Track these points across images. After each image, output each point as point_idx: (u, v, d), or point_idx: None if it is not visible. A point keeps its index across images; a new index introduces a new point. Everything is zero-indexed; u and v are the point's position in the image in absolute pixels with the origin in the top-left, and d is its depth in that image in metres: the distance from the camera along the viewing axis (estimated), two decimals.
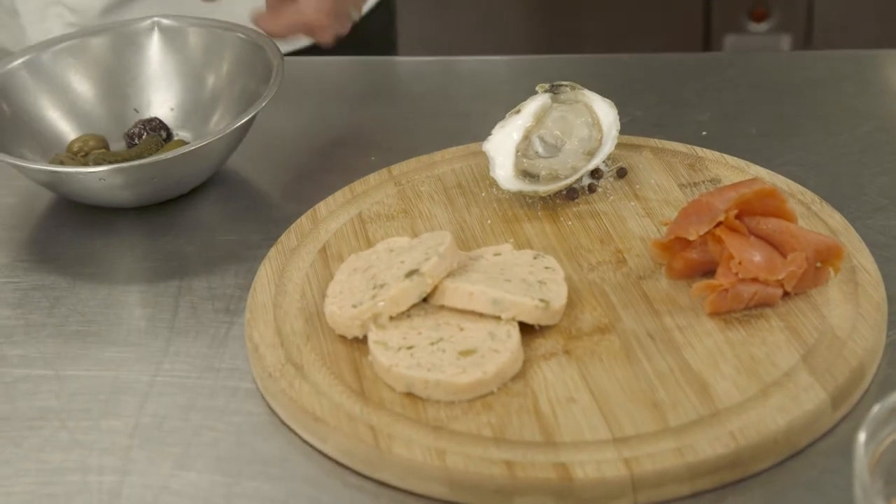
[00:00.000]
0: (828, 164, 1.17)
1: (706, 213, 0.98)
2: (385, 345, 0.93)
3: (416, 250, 0.98)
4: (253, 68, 1.21)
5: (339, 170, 1.20)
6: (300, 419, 0.91)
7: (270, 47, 1.20)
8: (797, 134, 1.22)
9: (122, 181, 1.11)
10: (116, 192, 1.13)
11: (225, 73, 1.25)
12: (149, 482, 0.89)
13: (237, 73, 1.24)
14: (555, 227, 1.07)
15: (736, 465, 0.85)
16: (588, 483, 0.84)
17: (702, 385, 0.90)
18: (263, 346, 0.97)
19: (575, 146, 1.11)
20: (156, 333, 1.03)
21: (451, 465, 0.85)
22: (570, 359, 0.93)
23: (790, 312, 0.95)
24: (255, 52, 1.21)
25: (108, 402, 0.96)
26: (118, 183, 1.11)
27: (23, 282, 1.10)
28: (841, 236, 1.02)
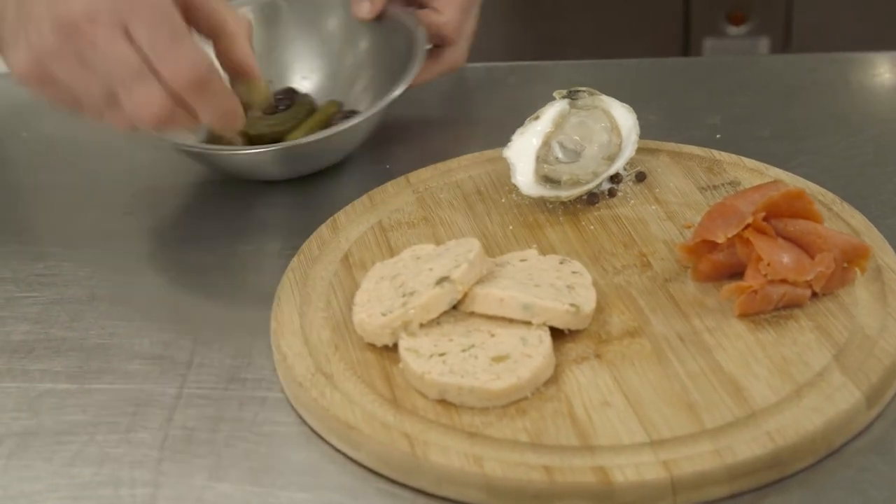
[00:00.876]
0: (842, 165, 1.17)
1: (733, 216, 0.98)
2: (417, 352, 0.92)
3: (443, 257, 0.98)
4: (394, 45, 1.21)
5: (354, 179, 1.20)
6: (333, 428, 0.91)
7: (409, 20, 1.21)
8: (810, 136, 1.22)
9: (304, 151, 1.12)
10: (269, 167, 1.14)
11: (363, 48, 1.25)
12: (182, 494, 0.89)
13: (377, 47, 1.24)
14: (577, 231, 1.07)
15: (774, 465, 0.85)
16: (628, 486, 0.84)
17: (735, 386, 0.90)
18: (292, 356, 0.96)
19: (595, 151, 1.11)
20: (180, 346, 1.02)
21: (490, 472, 0.85)
22: (601, 363, 0.93)
23: (819, 313, 0.96)
24: (396, 28, 1.21)
25: (136, 415, 0.95)
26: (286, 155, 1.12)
27: (41, 296, 1.09)
28: (864, 236, 1.02)
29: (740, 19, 2.59)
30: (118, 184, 1.23)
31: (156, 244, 1.15)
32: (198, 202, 1.20)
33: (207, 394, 0.97)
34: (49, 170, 1.27)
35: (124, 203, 1.20)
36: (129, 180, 1.24)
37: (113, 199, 1.21)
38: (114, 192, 1.22)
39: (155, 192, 1.21)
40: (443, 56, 1.23)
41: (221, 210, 1.19)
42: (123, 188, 1.23)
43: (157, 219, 1.18)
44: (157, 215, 1.18)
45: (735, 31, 2.60)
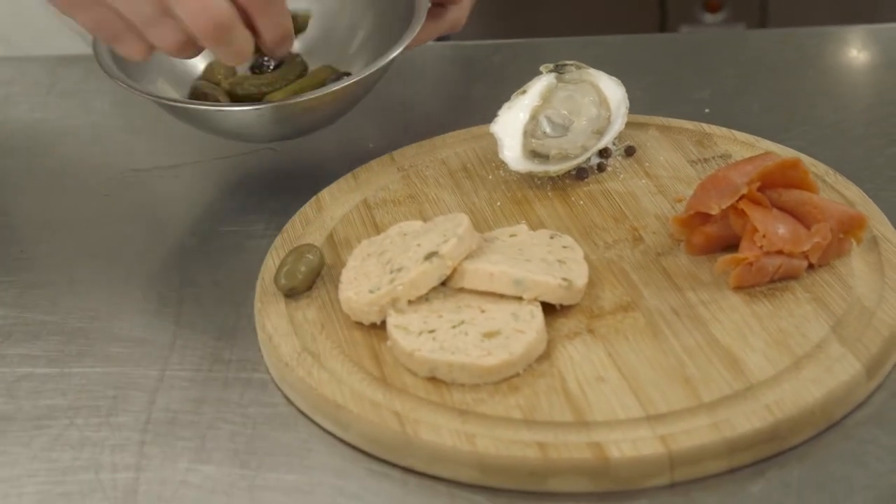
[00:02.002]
0: (833, 138, 1.15)
1: (726, 187, 0.96)
2: (406, 329, 0.90)
3: (432, 233, 0.95)
4: (393, 2, 1.14)
5: (337, 157, 1.17)
6: (321, 408, 0.88)
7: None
8: (800, 110, 1.20)
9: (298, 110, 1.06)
10: (255, 128, 1.08)
11: (360, 4, 1.19)
12: (165, 478, 0.86)
13: (375, 4, 1.18)
14: (566, 207, 1.05)
15: (773, 438, 0.83)
16: (625, 462, 0.81)
17: (732, 359, 0.88)
18: (277, 336, 0.94)
19: (583, 125, 1.09)
20: (162, 328, 0.99)
21: (482, 449, 0.83)
22: (594, 338, 0.91)
23: (815, 284, 0.94)
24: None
25: (117, 399, 0.93)
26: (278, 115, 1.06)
27: (19, 280, 1.06)
28: (859, 207, 1.01)
29: (716, 7, 2.58)
30: (96, 168, 1.21)
31: (135, 227, 1.12)
32: (178, 185, 1.18)
33: (191, 376, 0.95)
34: (26, 154, 1.24)
35: (102, 187, 1.18)
36: (107, 164, 1.21)
37: (90, 183, 1.19)
38: (91, 175, 1.20)
39: (133, 175, 1.19)
40: (445, 15, 1.15)
41: (203, 192, 1.17)
42: (101, 172, 1.20)
43: (136, 202, 1.15)
44: (136, 198, 1.16)
45: (711, 19, 2.59)
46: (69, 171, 1.21)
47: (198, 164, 1.20)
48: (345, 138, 1.21)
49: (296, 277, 0.97)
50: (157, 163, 1.20)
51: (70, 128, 1.27)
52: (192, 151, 1.20)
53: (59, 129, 1.27)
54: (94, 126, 1.27)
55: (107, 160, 1.22)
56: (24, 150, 1.25)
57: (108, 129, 1.26)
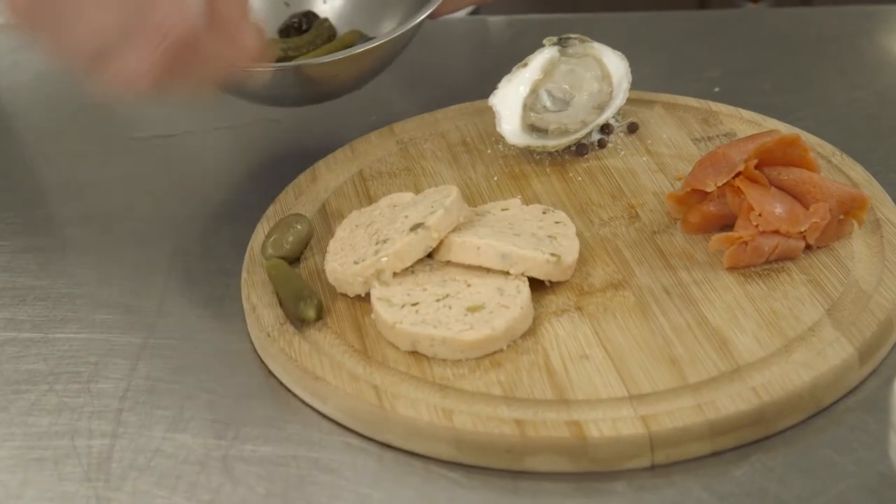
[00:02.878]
0: (845, 117, 1.13)
1: (724, 164, 0.94)
2: (389, 301, 0.88)
3: (420, 205, 0.94)
4: None
5: (339, 129, 1.16)
6: (300, 379, 0.87)
7: None
8: (812, 89, 1.17)
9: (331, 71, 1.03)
10: (278, 89, 1.04)
11: None
12: (140, 446, 0.85)
13: None
14: (564, 183, 1.03)
15: (759, 422, 0.81)
16: (603, 442, 0.80)
17: (721, 340, 0.85)
18: (261, 306, 0.92)
19: (584, 100, 1.07)
20: (148, 295, 0.98)
21: (459, 425, 0.81)
22: (582, 315, 0.89)
23: (813, 266, 0.91)
24: None
25: (99, 365, 0.92)
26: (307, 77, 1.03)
27: (11, 244, 1.05)
28: (864, 188, 0.98)
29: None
30: (96, 135, 1.20)
31: (131, 194, 1.11)
32: (176, 154, 1.16)
33: (174, 344, 0.93)
34: (27, 119, 1.23)
35: (102, 153, 1.17)
36: (107, 131, 1.20)
37: (90, 150, 1.18)
38: (91, 142, 1.19)
39: (133, 143, 1.17)
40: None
41: (200, 161, 1.15)
42: (101, 139, 1.19)
43: (133, 170, 1.14)
44: (134, 166, 1.15)
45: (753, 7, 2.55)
46: (69, 137, 1.20)
47: (197, 133, 1.18)
48: (348, 110, 1.19)
49: (282, 247, 0.95)
50: (157, 131, 1.19)
51: (73, 94, 1.26)
52: (193, 121, 1.19)
53: (62, 96, 1.26)
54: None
55: (107, 127, 1.21)
56: (25, 116, 1.24)
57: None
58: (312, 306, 0.89)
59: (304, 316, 0.89)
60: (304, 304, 0.89)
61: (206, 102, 0.96)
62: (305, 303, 0.89)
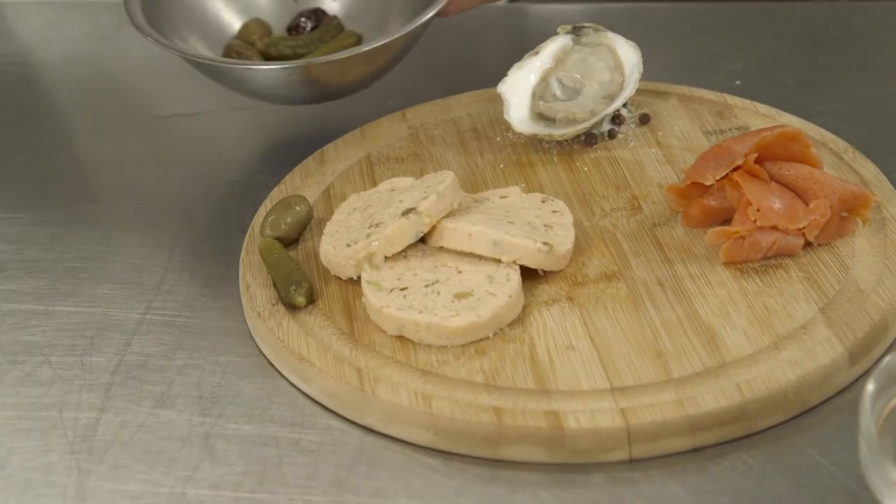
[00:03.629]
0: (865, 115, 1.11)
1: (725, 158, 0.93)
2: (378, 285, 0.88)
3: (416, 190, 0.93)
4: None
5: (357, 114, 1.15)
6: (286, 360, 0.87)
7: None
8: (835, 85, 1.16)
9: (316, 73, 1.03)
10: (284, 88, 1.04)
11: None
12: (125, 421, 0.86)
13: None
14: (570, 172, 1.02)
15: (740, 419, 0.80)
16: (581, 433, 0.79)
17: (710, 335, 0.85)
18: (255, 286, 0.93)
19: (595, 90, 1.06)
20: (151, 272, 0.99)
21: (438, 411, 0.81)
22: (573, 305, 0.88)
23: (811, 263, 0.90)
24: None
25: (95, 339, 0.93)
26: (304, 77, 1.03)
27: (22, 217, 1.06)
28: (873, 186, 0.96)
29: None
30: (117, 112, 1.21)
31: (145, 172, 1.12)
32: (193, 133, 1.17)
33: (170, 321, 0.94)
34: (52, 95, 1.25)
35: (120, 131, 1.18)
36: (129, 109, 1.21)
37: (109, 127, 1.19)
38: (112, 119, 1.20)
39: (153, 121, 1.18)
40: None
41: (216, 141, 1.16)
42: (122, 116, 1.20)
43: (150, 148, 1.15)
44: (151, 144, 1.15)
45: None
46: (90, 113, 1.21)
47: (217, 113, 1.19)
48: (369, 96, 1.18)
49: (280, 227, 0.96)
50: (179, 110, 1.20)
51: (100, 72, 1.27)
52: (214, 100, 1.19)
53: (90, 74, 1.27)
54: (124, 72, 1.27)
55: (129, 105, 1.22)
56: (53, 92, 1.25)
57: (137, 76, 1.26)
58: (302, 293, 0.89)
59: (294, 302, 0.89)
60: (294, 290, 0.89)
61: None
62: (296, 289, 0.89)
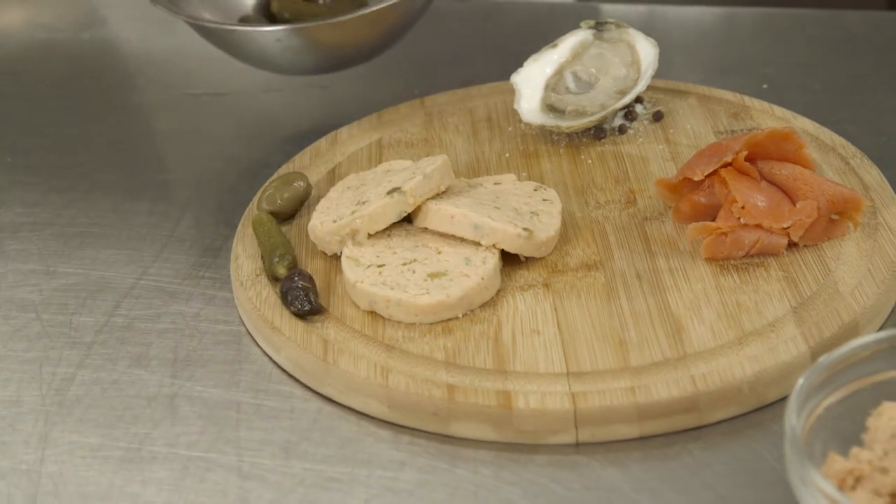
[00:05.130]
0: (887, 122, 1.09)
1: (718, 154, 0.92)
2: (357, 261, 0.89)
3: (409, 171, 0.94)
4: None
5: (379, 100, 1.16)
6: (259, 328, 0.89)
7: None
8: (862, 92, 1.14)
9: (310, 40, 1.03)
10: (286, 53, 1.05)
11: None
12: (101, 377, 0.88)
13: None
14: (573, 164, 1.02)
15: (691, 410, 0.79)
16: (528, 413, 0.79)
17: (677, 328, 0.84)
18: (243, 257, 0.95)
19: (609, 84, 1.06)
20: (154, 240, 1.02)
21: (393, 384, 0.82)
22: (547, 292, 0.88)
23: (794, 263, 0.89)
24: None
25: (87, 300, 0.95)
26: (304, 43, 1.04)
27: (43, 183, 1.10)
28: (873, 192, 0.95)
29: None
30: (155, 88, 1.24)
31: (168, 147, 1.15)
32: (223, 111, 1.19)
33: (162, 287, 0.96)
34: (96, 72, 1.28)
35: (153, 107, 1.21)
36: (166, 85, 1.24)
37: (143, 102, 1.22)
38: (147, 95, 1.23)
39: (186, 97, 1.21)
40: None
41: (244, 120, 1.18)
42: (159, 92, 1.23)
43: (178, 124, 1.18)
44: (180, 121, 1.18)
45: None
46: (129, 89, 1.25)
47: (248, 93, 1.21)
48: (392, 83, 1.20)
49: (275, 202, 0.97)
50: (211, 89, 1.23)
51: (146, 51, 1.31)
52: (248, 81, 1.21)
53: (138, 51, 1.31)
54: (168, 51, 1.30)
55: (167, 82, 1.25)
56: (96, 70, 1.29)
57: (180, 55, 1.29)
58: (284, 265, 0.91)
59: (276, 273, 0.91)
60: (276, 262, 0.91)
61: None
62: (278, 260, 0.91)
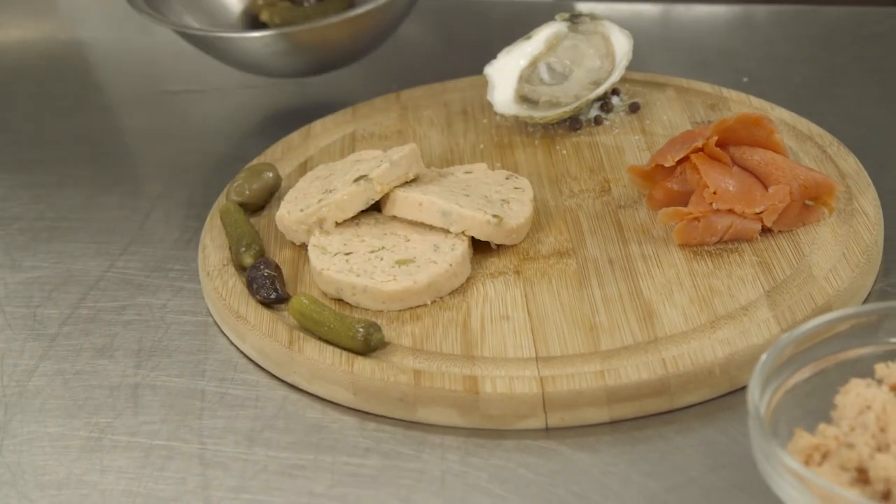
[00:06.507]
0: (867, 114, 1.08)
1: (689, 141, 0.91)
2: (324, 249, 0.88)
3: (377, 160, 0.93)
4: None
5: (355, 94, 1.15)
6: (225, 318, 0.87)
7: None
8: (843, 85, 1.12)
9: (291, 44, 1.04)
10: (272, 57, 1.05)
11: None
12: (63, 368, 0.87)
13: None
14: (547, 155, 1.01)
15: (661, 393, 0.78)
16: (495, 398, 0.78)
17: (648, 313, 0.83)
18: (211, 247, 0.93)
19: (582, 75, 1.05)
20: (123, 233, 1.00)
21: (358, 371, 0.80)
22: (518, 279, 0.87)
23: (768, 248, 0.87)
24: None
25: (53, 293, 0.94)
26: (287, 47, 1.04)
27: (6, 180, 1.09)
28: (849, 179, 0.93)
29: None
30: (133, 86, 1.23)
31: (142, 142, 1.14)
32: (199, 108, 1.19)
33: (129, 279, 0.95)
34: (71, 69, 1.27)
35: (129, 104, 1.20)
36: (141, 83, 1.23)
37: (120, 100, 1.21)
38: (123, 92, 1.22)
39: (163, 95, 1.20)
40: None
41: (220, 116, 1.17)
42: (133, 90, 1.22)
43: (153, 121, 1.17)
44: (155, 118, 1.17)
45: None
46: (104, 87, 1.24)
47: (225, 90, 1.20)
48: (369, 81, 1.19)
49: (244, 193, 0.96)
50: (188, 86, 1.21)
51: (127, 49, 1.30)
52: (225, 78, 1.20)
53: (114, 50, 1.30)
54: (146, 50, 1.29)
55: (143, 80, 1.24)
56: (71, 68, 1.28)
57: (156, 54, 1.28)
58: (251, 254, 0.89)
59: (242, 262, 0.89)
60: (243, 251, 0.90)
61: None
62: (245, 249, 0.90)
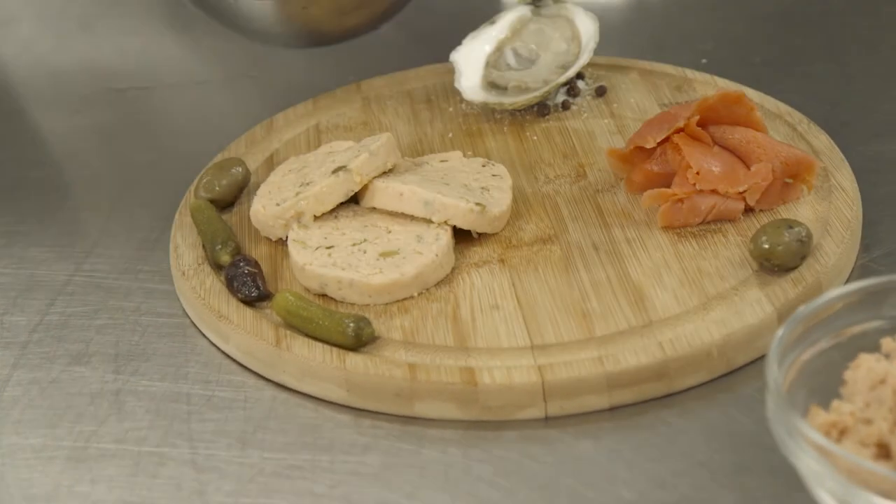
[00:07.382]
0: (831, 91, 1.08)
1: (668, 122, 0.90)
2: (304, 244, 0.86)
3: (352, 150, 0.91)
4: None
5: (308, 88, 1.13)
6: (205, 318, 0.85)
7: None
8: (803, 63, 1.12)
9: None
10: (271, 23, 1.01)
11: None
12: (38, 377, 0.84)
13: None
14: (518, 141, 1.00)
15: (661, 377, 0.77)
16: (494, 389, 0.76)
17: (639, 296, 0.82)
18: (183, 246, 0.91)
19: (549, 59, 1.03)
20: (85, 235, 0.97)
21: (351, 367, 0.78)
22: (503, 267, 0.86)
23: (752, 228, 0.87)
24: None
25: (18, 299, 0.91)
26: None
27: None
28: (823, 156, 0.93)
29: None
30: (75, 84, 1.20)
31: (93, 142, 1.11)
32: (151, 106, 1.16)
33: (98, 282, 0.92)
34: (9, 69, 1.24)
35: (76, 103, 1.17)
36: (86, 81, 1.20)
37: (65, 98, 1.18)
38: (69, 91, 1.19)
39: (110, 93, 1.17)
40: None
41: (173, 113, 1.15)
42: (79, 88, 1.19)
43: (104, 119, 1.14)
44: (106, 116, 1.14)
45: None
46: (49, 86, 1.20)
47: (175, 87, 1.18)
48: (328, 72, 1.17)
49: (213, 189, 0.94)
50: (136, 83, 1.19)
51: (64, 47, 1.26)
52: (174, 74, 1.18)
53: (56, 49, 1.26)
54: (87, 48, 1.26)
55: (88, 78, 1.20)
56: (11, 67, 1.24)
57: (100, 51, 1.24)
58: (227, 252, 0.87)
59: (219, 261, 0.87)
60: (219, 249, 0.87)
61: None
62: (221, 247, 0.87)
